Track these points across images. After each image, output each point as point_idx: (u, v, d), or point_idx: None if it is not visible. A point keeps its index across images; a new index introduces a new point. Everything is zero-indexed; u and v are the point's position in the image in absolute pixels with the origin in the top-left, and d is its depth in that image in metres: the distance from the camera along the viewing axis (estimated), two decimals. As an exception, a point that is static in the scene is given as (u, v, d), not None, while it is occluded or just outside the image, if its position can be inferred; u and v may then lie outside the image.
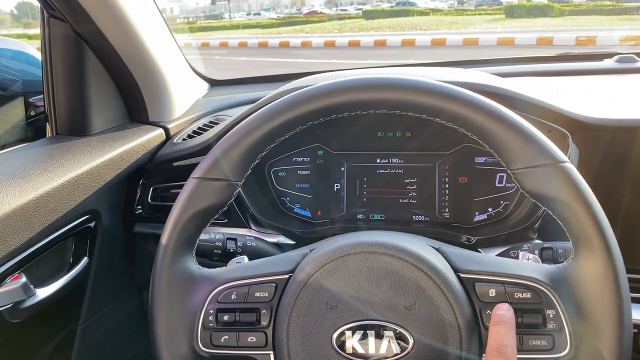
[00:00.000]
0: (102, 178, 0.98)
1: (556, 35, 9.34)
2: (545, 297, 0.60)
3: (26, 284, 0.81)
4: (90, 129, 1.08)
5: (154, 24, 1.14)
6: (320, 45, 12.12)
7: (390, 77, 0.64)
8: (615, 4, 15.00)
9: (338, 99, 0.64)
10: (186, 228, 0.66)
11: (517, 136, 0.60)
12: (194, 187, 0.65)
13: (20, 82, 1.21)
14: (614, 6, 14.88)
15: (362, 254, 0.63)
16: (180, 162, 1.08)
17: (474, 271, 0.62)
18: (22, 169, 0.88)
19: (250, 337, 0.64)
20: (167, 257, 0.65)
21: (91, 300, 1.02)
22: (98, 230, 1.00)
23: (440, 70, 1.11)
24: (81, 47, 1.03)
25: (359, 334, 0.61)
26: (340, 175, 1.05)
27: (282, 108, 0.65)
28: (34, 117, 1.19)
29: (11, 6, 10.26)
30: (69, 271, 0.94)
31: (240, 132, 0.65)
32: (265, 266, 0.68)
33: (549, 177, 0.58)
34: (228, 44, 13.70)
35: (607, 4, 15.50)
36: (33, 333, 0.90)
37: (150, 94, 1.15)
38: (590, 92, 1.10)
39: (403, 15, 19.58)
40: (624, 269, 0.57)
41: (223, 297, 0.65)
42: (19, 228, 0.81)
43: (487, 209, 1.00)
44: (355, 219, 1.05)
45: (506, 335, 0.56)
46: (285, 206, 1.08)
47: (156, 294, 0.65)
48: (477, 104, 0.61)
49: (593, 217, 0.57)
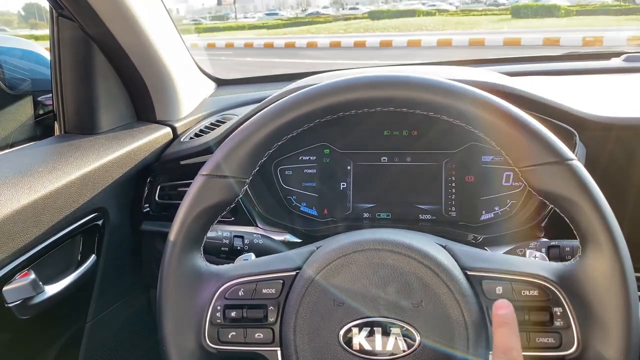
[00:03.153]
0: (110, 176, 0.99)
1: (563, 35, 9.30)
2: (552, 294, 0.60)
3: (35, 281, 0.82)
4: (98, 128, 1.08)
5: (162, 23, 1.14)
6: (326, 46, 12.13)
7: (397, 74, 0.64)
8: (622, 3, 14.93)
9: (345, 96, 0.64)
10: (194, 225, 0.66)
11: (525, 134, 0.60)
12: (201, 184, 0.66)
13: (29, 81, 1.21)
14: (621, 6, 14.83)
15: (369, 251, 0.63)
16: (187, 161, 1.08)
17: (481, 269, 0.62)
18: (31, 166, 0.89)
19: (258, 334, 0.65)
20: (175, 254, 0.66)
21: (99, 298, 1.03)
22: (106, 228, 1.01)
23: (447, 68, 1.11)
24: (89, 46, 1.04)
25: (365, 331, 0.61)
26: (347, 174, 1.06)
27: (289, 106, 0.65)
28: (43, 115, 1.20)
29: (18, 7, 10.31)
30: (77, 269, 0.94)
31: (248, 130, 0.66)
32: (273, 263, 0.68)
33: (556, 175, 0.58)
34: (234, 45, 13.73)
35: (614, 4, 15.44)
36: (41, 329, 0.91)
37: (157, 93, 1.16)
38: (598, 91, 1.10)
39: (409, 16, 19.57)
40: (631, 267, 0.57)
41: (230, 294, 0.66)
42: (28, 225, 0.82)
43: (493, 207, 1.00)
44: (362, 217, 1.05)
45: (510, 337, 0.56)
46: (291, 205, 1.09)
47: (164, 290, 0.66)
48: (484, 102, 0.61)
49: (600, 215, 0.57)
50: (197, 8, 39.55)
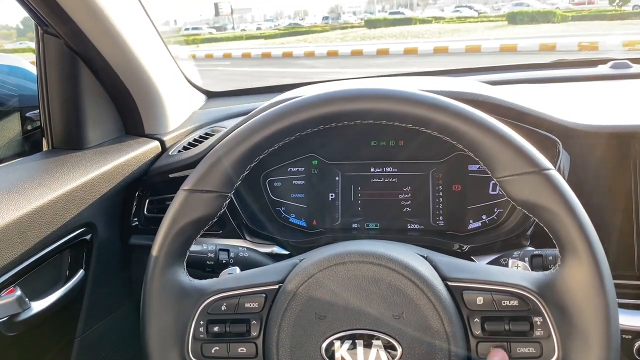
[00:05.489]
0: (98, 191, 0.99)
1: (559, 41, 9.34)
2: (532, 304, 0.60)
3: (21, 297, 0.81)
4: (86, 143, 1.08)
5: (147, 37, 1.14)
6: (324, 55, 12.17)
7: (374, 88, 0.64)
8: (617, 9, 15.01)
9: (324, 109, 0.64)
10: (176, 240, 0.66)
11: (501, 144, 0.60)
12: (183, 199, 0.66)
13: (17, 97, 1.21)
14: (616, 11, 14.91)
15: (350, 263, 0.63)
16: (176, 174, 1.08)
17: (462, 279, 0.63)
18: (18, 183, 0.89)
19: (241, 348, 0.65)
20: (157, 269, 0.66)
21: (87, 313, 1.02)
22: (94, 242, 1.01)
23: (429, 79, 1.12)
24: (75, 62, 1.04)
25: (347, 344, 0.61)
26: (335, 185, 1.06)
27: (269, 120, 0.65)
28: (31, 131, 1.20)
29: (17, 21, 10.34)
30: (65, 284, 0.94)
31: (229, 144, 0.66)
32: (255, 277, 0.68)
33: (534, 185, 0.58)
34: (232, 55, 13.77)
35: (609, 10, 15.52)
36: (29, 346, 0.90)
37: (145, 107, 1.16)
38: (583, 99, 1.10)
39: (405, 24, 19.67)
40: (610, 275, 0.57)
41: (213, 309, 0.66)
42: (14, 241, 0.82)
43: (481, 216, 1.00)
44: (351, 228, 1.05)
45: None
46: (280, 216, 1.09)
47: (147, 305, 0.66)
48: (458, 113, 0.61)
49: (578, 223, 0.57)
50: (195, 19, 39.74)
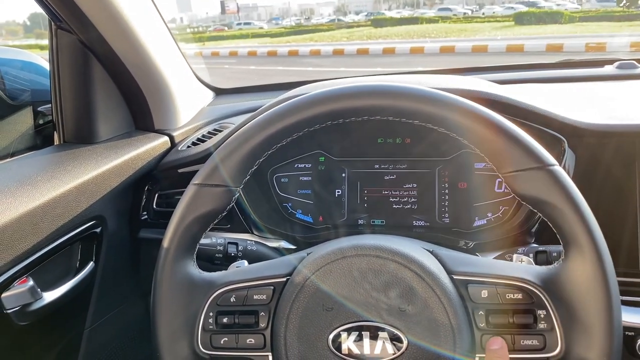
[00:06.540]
0: (108, 185, 1.00)
1: (566, 41, 9.30)
2: (536, 297, 0.61)
3: (33, 287, 0.83)
4: (97, 137, 1.10)
5: (158, 34, 1.16)
6: (329, 54, 12.16)
7: (382, 84, 0.65)
8: (625, 10, 14.93)
9: (332, 106, 0.65)
10: (186, 233, 0.67)
11: (506, 140, 0.61)
12: (193, 193, 0.67)
13: (29, 91, 1.23)
14: (624, 12, 14.83)
15: (357, 256, 0.64)
16: (185, 169, 1.09)
17: (467, 273, 0.63)
18: (30, 175, 0.91)
19: (249, 339, 0.66)
20: (168, 262, 0.67)
21: (97, 305, 1.04)
22: (104, 235, 1.02)
23: (437, 77, 1.12)
24: (88, 57, 1.06)
25: (354, 335, 0.62)
26: (342, 181, 1.07)
27: (279, 115, 0.66)
28: (42, 125, 1.22)
29: (24, 17, 10.41)
30: (75, 275, 0.96)
31: (238, 139, 0.67)
32: (264, 270, 0.69)
33: (538, 180, 0.59)
34: (238, 53, 13.78)
35: (617, 10, 15.43)
36: (40, 336, 0.92)
37: (155, 103, 1.18)
38: (590, 98, 1.10)
39: (412, 23, 19.62)
40: (612, 268, 0.58)
41: (222, 300, 0.67)
42: (27, 233, 0.83)
43: (486, 214, 1.01)
44: (357, 224, 1.06)
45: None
46: (287, 212, 1.10)
47: (158, 297, 0.67)
48: (464, 109, 0.62)
49: (581, 219, 0.58)
50: (201, 17, 39.78)
